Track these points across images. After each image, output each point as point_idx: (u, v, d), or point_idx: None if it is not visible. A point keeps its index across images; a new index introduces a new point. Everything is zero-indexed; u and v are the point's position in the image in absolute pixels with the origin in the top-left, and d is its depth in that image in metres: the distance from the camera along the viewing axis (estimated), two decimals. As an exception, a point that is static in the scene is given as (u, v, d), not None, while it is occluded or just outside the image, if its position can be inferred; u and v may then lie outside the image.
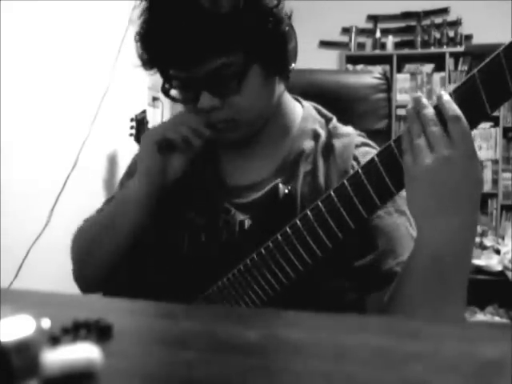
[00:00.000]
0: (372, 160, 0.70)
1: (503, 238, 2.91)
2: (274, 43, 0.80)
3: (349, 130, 0.92)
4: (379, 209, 0.74)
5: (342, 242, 0.74)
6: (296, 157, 0.90)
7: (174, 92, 0.85)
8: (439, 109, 0.66)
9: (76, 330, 0.40)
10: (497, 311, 2.68)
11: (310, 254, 0.75)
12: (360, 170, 0.71)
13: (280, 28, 0.80)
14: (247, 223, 0.86)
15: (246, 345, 0.39)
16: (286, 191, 0.81)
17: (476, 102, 0.64)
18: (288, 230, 0.76)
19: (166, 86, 0.85)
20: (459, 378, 0.34)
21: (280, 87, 0.88)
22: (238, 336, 0.41)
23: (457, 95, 0.65)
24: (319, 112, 0.96)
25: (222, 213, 0.88)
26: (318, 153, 0.89)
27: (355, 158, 0.86)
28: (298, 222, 0.75)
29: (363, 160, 0.84)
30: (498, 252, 2.67)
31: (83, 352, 0.33)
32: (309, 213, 0.74)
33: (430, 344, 0.40)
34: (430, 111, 0.66)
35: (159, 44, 0.79)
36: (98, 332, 0.40)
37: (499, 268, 2.53)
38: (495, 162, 4.11)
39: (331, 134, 0.90)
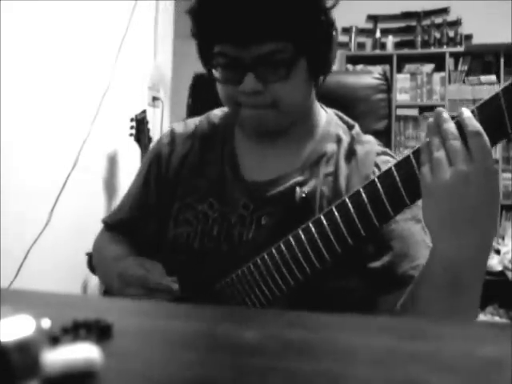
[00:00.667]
0: (389, 170, 0.71)
1: (503, 238, 2.91)
2: (322, 42, 0.83)
3: (370, 138, 0.94)
4: (391, 218, 0.74)
5: (354, 246, 0.74)
6: (317, 158, 0.91)
7: (215, 72, 0.86)
8: (459, 124, 0.65)
9: (76, 330, 0.40)
10: (497, 311, 2.68)
11: (319, 258, 0.75)
12: (376, 179, 0.72)
13: (330, 30, 0.84)
14: (263, 220, 0.87)
15: (246, 345, 0.39)
16: (303, 195, 0.81)
17: (498, 120, 0.64)
18: (300, 232, 0.76)
19: (209, 65, 0.85)
20: (459, 377, 0.34)
21: (313, 91, 0.91)
22: (238, 336, 0.41)
23: (479, 112, 0.65)
24: (341, 119, 0.98)
25: (241, 208, 0.89)
26: (340, 156, 0.90)
27: (376, 165, 0.87)
28: (311, 224, 0.76)
29: (384, 168, 0.85)
30: (498, 252, 2.67)
31: (83, 352, 0.33)
32: (322, 217, 0.75)
33: (430, 344, 0.40)
34: (450, 125, 0.66)
35: (219, 17, 0.80)
36: (98, 332, 0.40)
37: (499, 268, 2.53)
38: (495, 162, 4.11)
39: (354, 140, 0.92)
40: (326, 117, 0.97)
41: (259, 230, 0.86)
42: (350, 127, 0.95)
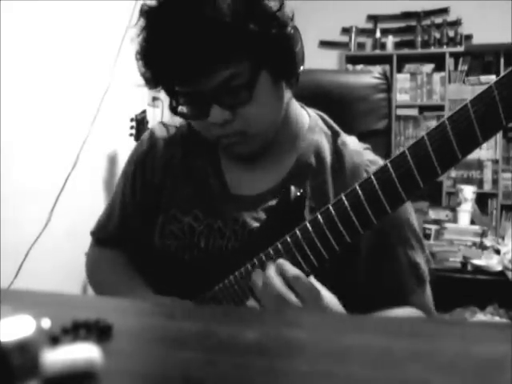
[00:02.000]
0: (385, 166, 0.71)
1: (503, 238, 2.91)
2: (279, 47, 0.79)
3: (356, 145, 0.92)
4: (387, 214, 0.74)
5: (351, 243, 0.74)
6: (303, 170, 0.89)
7: (182, 108, 0.84)
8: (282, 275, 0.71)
9: (76, 330, 0.40)
10: (497, 311, 2.67)
11: (317, 257, 0.75)
12: (372, 176, 0.71)
13: (285, 32, 0.78)
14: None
15: (246, 345, 0.39)
16: (298, 193, 0.80)
17: (492, 112, 0.64)
18: (297, 231, 0.76)
19: (174, 103, 0.83)
20: (459, 377, 0.34)
21: (287, 94, 0.87)
22: (238, 336, 0.41)
23: (473, 105, 0.65)
24: (325, 122, 0.95)
25: (231, 222, 0.88)
26: (327, 169, 0.89)
27: None
28: (308, 224, 0.75)
29: None
30: (498, 252, 2.67)
31: (83, 352, 0.33)
32: (319, 216, 0.75)
33: (430, 344, 0.40)
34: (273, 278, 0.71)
35: (164, 60, 0.77)
36: (98, 332, 0.40)
37: (499, 268, 2.53)
38: (495, 161, 4.11)
39: (341, 152, 0.90)
40: (309, 122, 0.93)
41: (253, 234, 0.85)
42: (335, 134, 0.93)
